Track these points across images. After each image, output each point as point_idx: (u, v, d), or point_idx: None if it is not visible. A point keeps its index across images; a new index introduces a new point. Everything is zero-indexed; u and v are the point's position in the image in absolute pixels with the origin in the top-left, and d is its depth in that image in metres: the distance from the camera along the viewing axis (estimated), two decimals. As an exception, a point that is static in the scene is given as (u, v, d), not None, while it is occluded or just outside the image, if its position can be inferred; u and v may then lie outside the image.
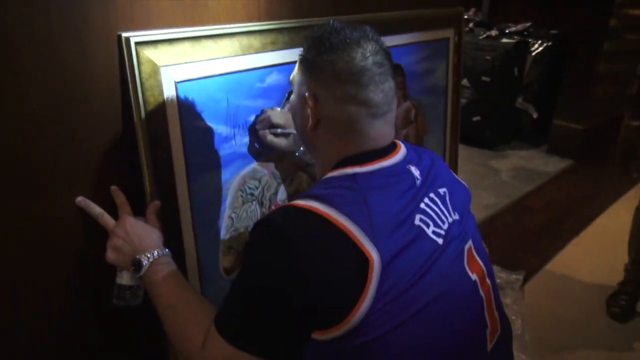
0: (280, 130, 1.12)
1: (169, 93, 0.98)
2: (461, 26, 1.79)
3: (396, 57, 1.06)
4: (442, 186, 0.89)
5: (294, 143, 1.13)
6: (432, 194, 0.85)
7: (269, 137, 1.12)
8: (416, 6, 1.59)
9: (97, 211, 0.93)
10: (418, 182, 0.84)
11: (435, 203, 0.84)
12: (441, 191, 0.88)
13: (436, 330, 0.77)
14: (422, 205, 0.82)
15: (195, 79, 1.02)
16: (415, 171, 0.85)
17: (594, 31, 3.51)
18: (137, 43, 0.91)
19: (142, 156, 0.96)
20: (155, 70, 0.95)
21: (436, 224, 0.82)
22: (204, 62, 1.02)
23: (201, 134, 1.05)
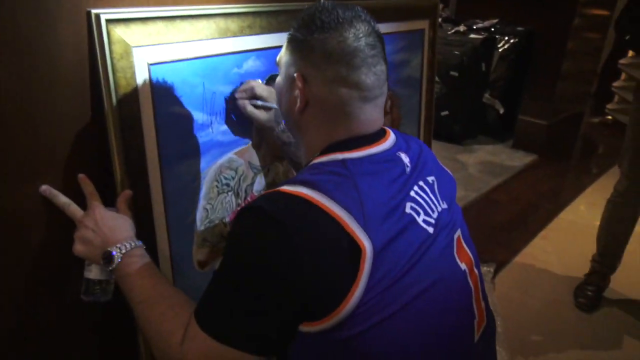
0: (261, 102, 1.07)
1: (142, 76, 0.92)
2: (436, 18, 1.77)
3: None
4: (431, 174, 0.87)
5: (274, 118, 1.08)
6: (422, 182, 0.83)
7: (249, 108, 1.06)
8: (392, -4, 1.56)
9: (63, 201, 0.87)
10: (408, 170, 0.82)
11: (424, 191, 0.82)
12: (430, 179, 0.85)
13: (426, 321, 0.75)
14: (412, 193, 0.79)
15: (169, 62, 0.96)
16: (405, 158, 0.83)
17: (559, 29, 3.58)
18: (108, 21, 0.85)
19: (113, 143, 0.90)
20: (127, 50, 0.89)
21: (426, 213, 0.80)
22: (179, 44, 0.97)
23: (176, 121, 1.00)
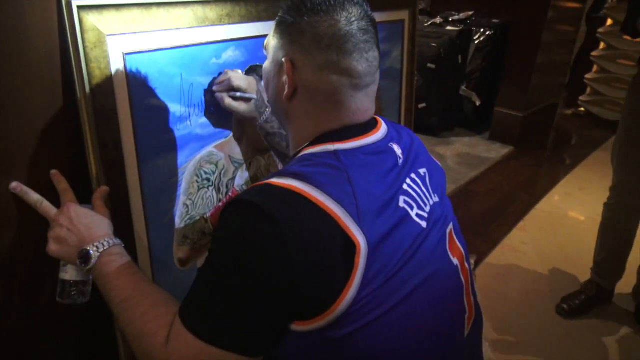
0: (239, 94, 1.03)
1: (117, 66, 0.87)
2: (416, 9, 1.75)
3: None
4: (422, 166, 0.84)
5: (255, 109, 1.04)
6: (414, 175, 0.80)
7: (227, 101, 1.02)
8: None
9: (35, 198, 0.82)
10: (400, 162, 0.79)
11: (417, 184, 0.80)
12: (422, 172, 0.83)
13: (420, 317, 0.73)
14: (405, 186, 0.77)
15: (145, 52, 0.92)
16: (397, 150, 0.80)
17: (534, 22, 3.61)
18: (80, 7, 0.80)
19: (87, 137, 0.85)
20: (100, 39, 0.84)
21: (419, 207, 0.77)
22: (156, 33, 0.92)
23: (153, 113, 0.96)
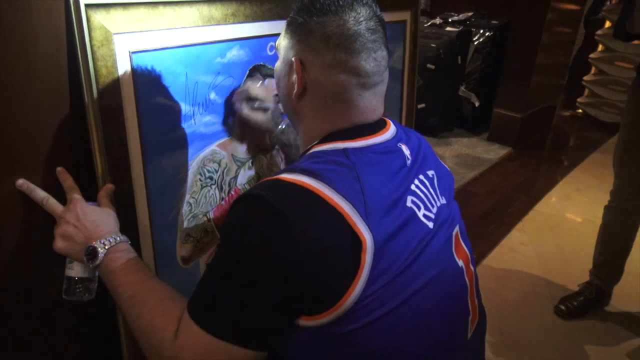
0: (257, 104, 1.04)
1: (123, 64, 0.88)
2: (417, 9, 1.76)
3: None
4: (430, 168, 0.85)
5: (272, 119, 1.06)
6: (422, 176, 0.81)
7: (246, 111, 1.04)
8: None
9: (42, 195, 0.82)
10: (409, 162, 0.80)
11: (425, 185, 0.80)
12: (430, 173, 0.84)
13: (424, 317, 0.74)
14: (413, 186, 0.78)
15: (151, 50, 0.92)
16: (405, 150, 0.81)
17: (533, 23, 3.62)
18: (88, 6, 0.81)
19: (93, 135, 0.86)
20: (107, 38, 0.85)
21: (427, 207, 0.78)
22: (162, 32, 0.93)
23: (158, 111, 0.96)
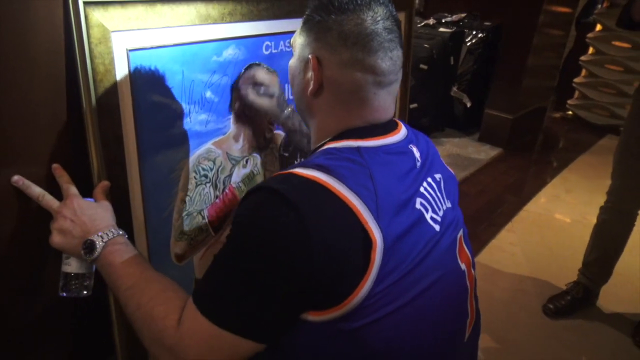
0: (263, 89, 1.05)
1: (121, 62, 0.88)
2: (412, 10, 1.77)
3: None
4: (438, 172, 0.86)
5: (277, 105, 1.06)
6: (430, 179, 0.82)
7: (252, 96, 1.04)
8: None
9: (38, 191, 0.82)
10: (418, 164, 0.81)
11: (432, 188, 0.81)
12: (437, 177, 0.85)
13: (428, 317, 0.75)
14: (422, 189, 0.79)
15: (149, 48, 0.92)
16: (416, 152, 0.82)
17: (525, 25, 3.64)
18: (86, 3, 0.81)
19: (90, 132, 0.86)
20: (105, 35, 0.85)
21: (434, 210, 0.79)
22: (159, 30, 0.93)
23: (155, 109, 0.96)
